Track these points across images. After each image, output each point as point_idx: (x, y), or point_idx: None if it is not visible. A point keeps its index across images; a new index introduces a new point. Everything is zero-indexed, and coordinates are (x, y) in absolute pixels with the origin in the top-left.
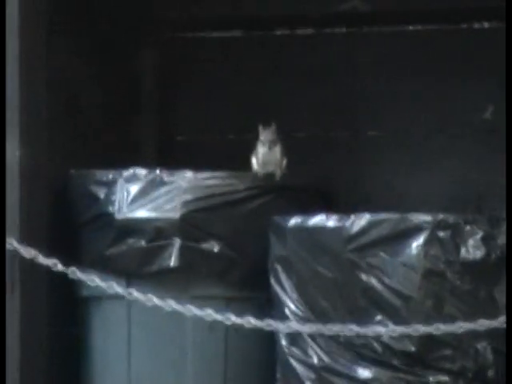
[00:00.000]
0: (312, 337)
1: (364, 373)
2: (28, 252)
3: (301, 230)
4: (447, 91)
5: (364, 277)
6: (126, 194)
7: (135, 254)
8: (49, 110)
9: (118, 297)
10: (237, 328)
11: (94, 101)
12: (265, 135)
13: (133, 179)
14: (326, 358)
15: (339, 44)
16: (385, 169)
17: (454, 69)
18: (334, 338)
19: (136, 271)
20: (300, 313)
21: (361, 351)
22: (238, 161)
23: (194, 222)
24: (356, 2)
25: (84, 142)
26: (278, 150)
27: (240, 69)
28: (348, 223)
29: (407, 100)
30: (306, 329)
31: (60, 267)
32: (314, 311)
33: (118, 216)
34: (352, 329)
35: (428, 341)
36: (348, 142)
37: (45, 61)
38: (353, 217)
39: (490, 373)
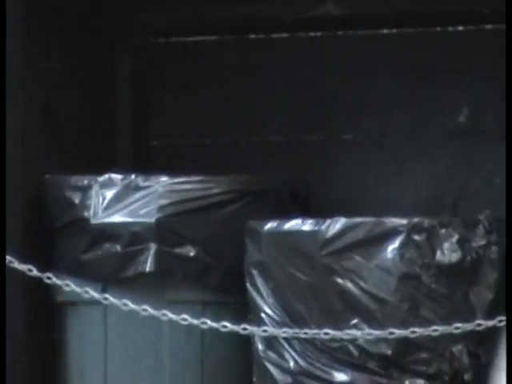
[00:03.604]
0: (288, 341)
1: (340, 376)
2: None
3: (276, 234)
4: (421, 94)
5: (340, 280)
6: (101, 199)
7: (111, 259)
8: (24, 116)
9: (93, 302)
10: (213, 332)
11: (69, 106)
12: None
13: (108, 184)
14: (302, 362)
15: (313, 48)
16: (360, 172)
17: (428, 72)
18: (309, 342)
19: (112, 276)
20: (276, 317)
21: (337, 355)
22: (214, 165)
23: (169, 227)
24: (328, 6)
25: (59, 147)
26: None
27: (214, 73)
28: (323, 227)
29: (381, 103)
30: (282, 333)
31: (35, 273)
32: (290, 315)
33: (94, 221)
34: (328, 332)
35: (404, 344)
36: (323, 146)
37: (21, 68)
38: (328, 221)
39: (466, 376)
